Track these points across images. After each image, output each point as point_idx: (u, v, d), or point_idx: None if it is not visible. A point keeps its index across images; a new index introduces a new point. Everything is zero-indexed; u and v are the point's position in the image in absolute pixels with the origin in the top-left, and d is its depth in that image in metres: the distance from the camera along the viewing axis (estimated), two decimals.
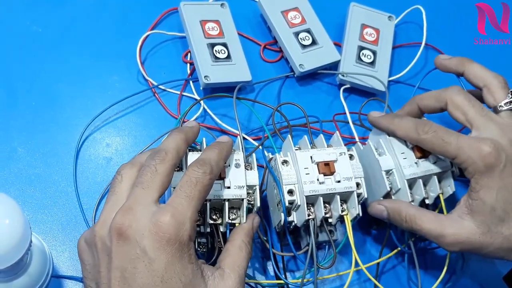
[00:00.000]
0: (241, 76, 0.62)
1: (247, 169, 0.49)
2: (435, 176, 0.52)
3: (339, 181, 0.49)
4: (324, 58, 0.65)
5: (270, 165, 0.51)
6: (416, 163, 0.51)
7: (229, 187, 0.47)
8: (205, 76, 0.60)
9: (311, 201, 0.49)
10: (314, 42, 0.66)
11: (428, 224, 0.49)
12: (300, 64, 0.64)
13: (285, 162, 0.50)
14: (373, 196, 0.53)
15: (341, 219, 0.50)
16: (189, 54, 0.64)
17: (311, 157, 0.50)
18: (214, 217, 0.47)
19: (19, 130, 0.57)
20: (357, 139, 0.60)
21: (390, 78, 0.67)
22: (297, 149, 0.51)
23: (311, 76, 0.66)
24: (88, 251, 0.42)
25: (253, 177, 0.48)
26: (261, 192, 0.52)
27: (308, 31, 0.67)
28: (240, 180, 0.47)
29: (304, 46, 0.66)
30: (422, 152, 0.52)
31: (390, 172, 0.52)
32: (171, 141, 0.44)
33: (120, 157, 0.58)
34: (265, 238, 0.52)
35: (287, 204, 0.48)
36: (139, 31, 0.64)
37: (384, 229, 0.56)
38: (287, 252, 0.52)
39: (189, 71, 0.64)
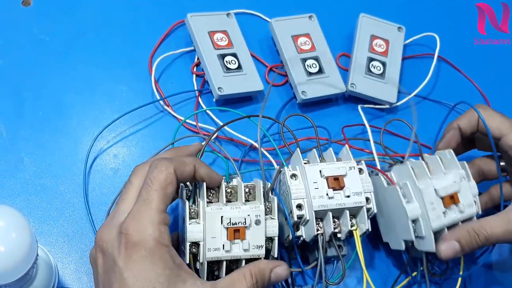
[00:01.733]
0: (253, 86, 0.62)
1: (266, 216, 0.46)
2: (460, 222, 0.51)
3: (348, 196, 0.48)
4: (328, 88, 0.63)
5: (279, 178, 0.51)
6: (444, 212, 0.50)
7: (247, 250, 0.45)
8: (218, 88, 0.60)
9: (320, 216, 0.48)
10: (320, 71, 0.64)
11: (497, 228, 0.49)
12: (302, 91, 0.62)
13: (293, 176, 0.49)
14: (391, 235, 0.53)
15: (350, 234, 0.49)
16: (197, 65, 0.64)
17: (320, 171, 0.49)
18: (232, 267, 0.46)
19: (26, 140, 0.57)
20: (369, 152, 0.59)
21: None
22: (306, 163, 0.50)
23: None
24: (92, 263, 0.43)
25: (273, 227, 0.46)
26: None
27: (316, 59, 0.65)
28: (259, 239, 0.45)
29: (310, 73, 0.64)
30: (451, 200, 0.50)
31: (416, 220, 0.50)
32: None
33: (127, 168, 0.57)
34: None
35: (295, 219, 0.48)
36: (146, 41, 0.64)
37: None
38: (295, 267, 0.51)
39: (195, 82, 0.63)
